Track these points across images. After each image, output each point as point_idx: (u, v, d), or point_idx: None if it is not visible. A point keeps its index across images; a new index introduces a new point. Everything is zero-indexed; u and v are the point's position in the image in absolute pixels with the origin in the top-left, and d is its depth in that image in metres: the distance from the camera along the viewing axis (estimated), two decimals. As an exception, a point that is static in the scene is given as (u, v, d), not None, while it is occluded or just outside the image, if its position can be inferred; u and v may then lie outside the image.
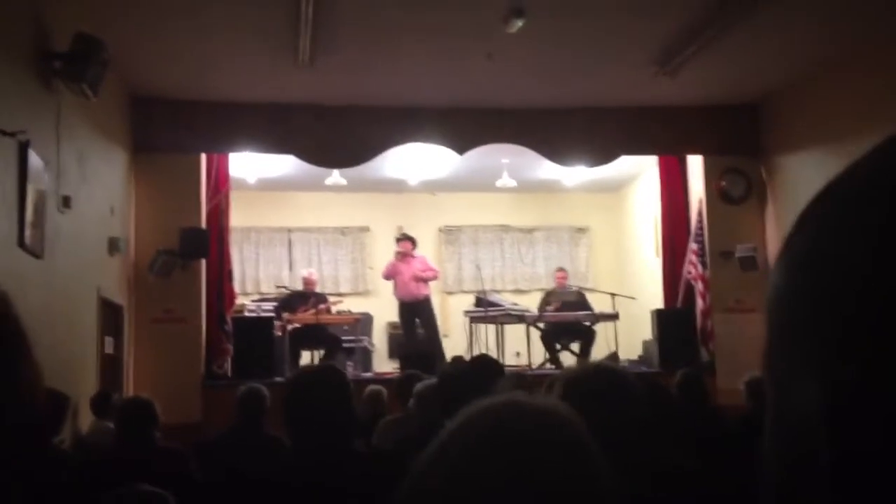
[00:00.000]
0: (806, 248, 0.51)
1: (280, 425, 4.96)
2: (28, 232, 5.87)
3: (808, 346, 0.49)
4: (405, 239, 11.24)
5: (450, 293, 13.61)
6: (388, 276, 11.22)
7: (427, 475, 0.88)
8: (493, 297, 11.29)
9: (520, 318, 10.90)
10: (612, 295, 11.01)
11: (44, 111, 6.39)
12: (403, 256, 11.04)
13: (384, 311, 12.75)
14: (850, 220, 0.49)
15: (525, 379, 5.12)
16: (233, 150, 10.17)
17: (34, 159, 5.98)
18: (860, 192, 0.50)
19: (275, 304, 11.00)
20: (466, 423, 0.90)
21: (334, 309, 10.95)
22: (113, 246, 8.29)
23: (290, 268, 13.53)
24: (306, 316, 10.45)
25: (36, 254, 6.05)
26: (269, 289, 12.92)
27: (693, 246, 10.46)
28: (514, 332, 11.13)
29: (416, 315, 10.96)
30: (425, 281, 11.08)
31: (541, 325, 10.93)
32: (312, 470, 2.50)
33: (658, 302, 11.01)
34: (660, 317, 10.32)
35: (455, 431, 0.90)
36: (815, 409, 0.48)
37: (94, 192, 7.75)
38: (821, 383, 0.48)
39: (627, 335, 11.22)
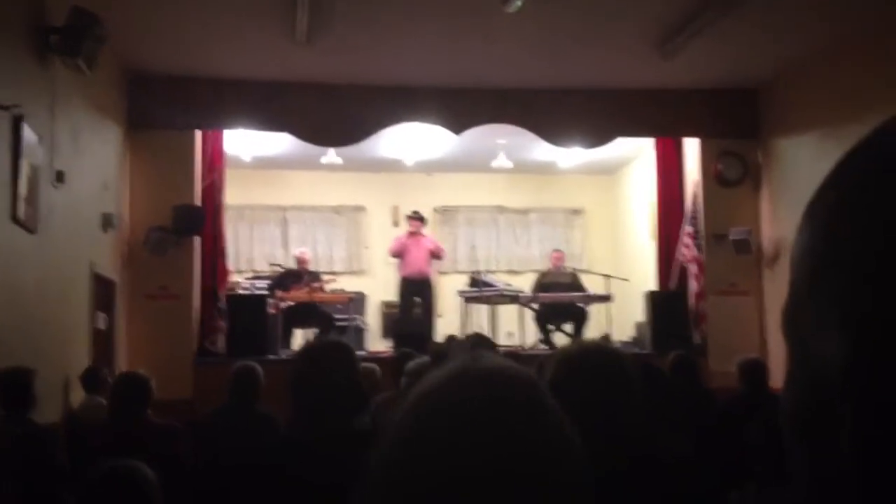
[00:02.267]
0: (831, 204, 0.53)
1: (272, 403, 4.97)
2: (21, 206, 5.85)
3: (829, 297, 0.52)
4: (417, 218, 11.26)
5: (444, 273, 13.63)
6: (396, 254, 11.22)
7: (395, 448, 0.87)
8: (488, 278, 11.31)
9: (513, 298, 10.92)
10: (606, 276, 11.03)
11: (38, 86, 6.36)
12: (412, 234, 11.08)
13: (378, 290, 12.77)
14: (873, 179, 0.51)
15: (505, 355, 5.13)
16: (228, 128, 10.13)
17: (28, 134, 5.95)
18: (882, 157, 0.52)
19: (268, 281, 10.99)
20: (424, 396, 0.90)
21: (328, 287, 10.95)
22: (106, 222, 8.27)
23: (285, 246, 13.53)
24: (300, 294, 10.45)
25: (29, 228, 6.04)
26: (262, 267, 12.91)
27: (687, 228, 10.46)
28: (508, 313, 11.17)
29: (418, 293, 10.99)
30: (439, 258, 11.15)
31: (534, 305, 10.95)
32: (313, 445, 2.49)
33: (652, 284, 11.04)
34: (653, 299, 10.34)
35: (414, 404, 0.90)
36: (836, 361, 0.50)
37: (87, 168, 7.73)
38: (841, 334, 0.50)
39: (620, 317, 11.25)
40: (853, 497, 0.50)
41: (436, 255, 11.19)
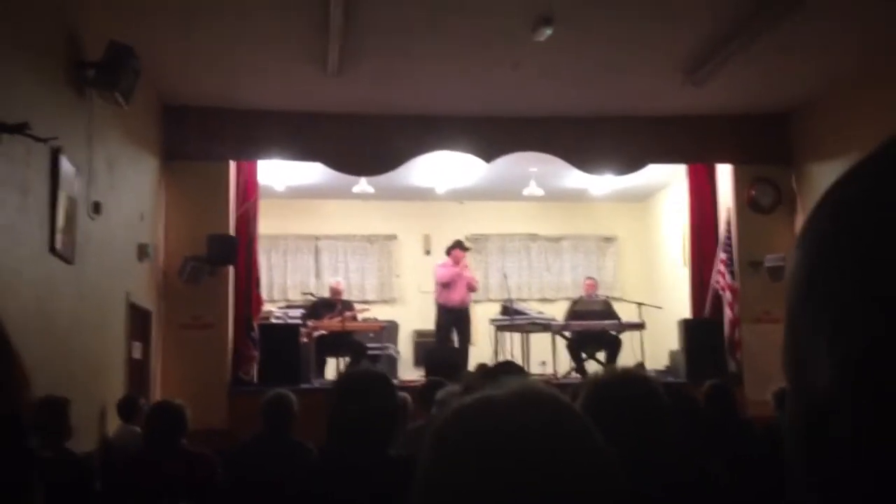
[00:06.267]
0: (823, 230, 0.54)
1: (306, 431, 4.97)
2: (59, 237, 5.93)
3: (819, 327, 0.52)
4: (463, 248, 11.31)
5: (476, 302, 13.60)
6: (447, 282, 11.19)
7: (436, 473, 0.88)
8: (520, 306, 11.27)
9: (546, 326, 10.86)
10: (639, 304, 10.95)
11: (76, 118, 6.47)
12: (458, 263, 11.13)
13: (410, 318, 12.77)
14: (863, 207, 0.52)
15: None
16: (261, 158, 10.22)
17: (66, 165, 6.04)
18: (875, 181, 0.52)
19: (301, 310, 11.03)
20: (456, 420, 0.90)
21: (360, 316, 10.97)
22: (142, 252, 8.36)
23: (317, 275, 13.58)
24: (332, 323, 10.48)
25: (67, 259, 6.11)
26: (295, 296, 12.97)
27: (721, 255, 10.39)
28: (540, 341, 11.11)
29: (457, 323, 10.99)
30: (473, 290, 11.28)
31: (567, 333, 10.89)
32: (349, 473, 2.48)
33: (685, 312, 10.94)
34: (687, 327, 10.24)
35: (448, 431, 0.90)
36: (827, 390, 0.51)
37: (124, 199, 7.83)
38: (832, 363, 0.51)
39: (654, 345, 11.15)
40: None
41: (472, 287, 11.24)
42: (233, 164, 10.04)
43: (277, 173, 11.43)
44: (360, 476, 2.44)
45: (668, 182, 12.54)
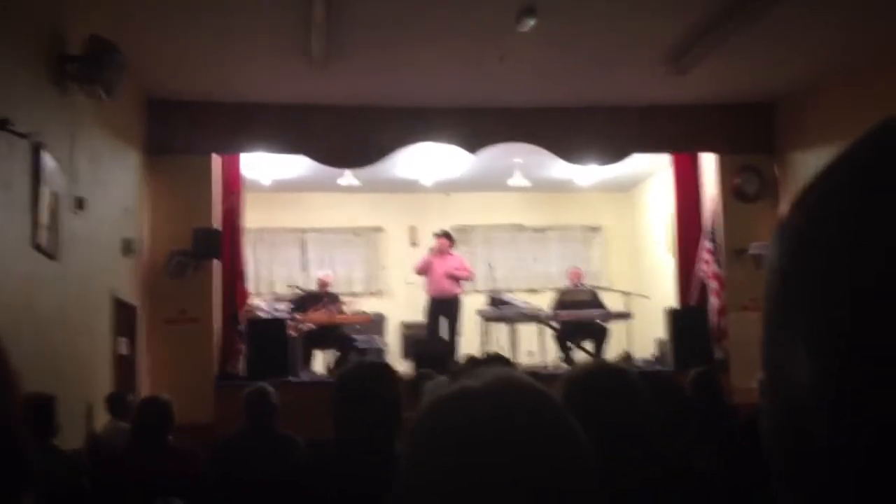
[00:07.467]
0: (797, 227, 0.53)
1: (294, 424, 4.97)
2: (42, 233, 5.90)
3: (799, 326, 0.50)
4: (443, 236, 11.28)
5: (463, 293, 13.61)
6: (420, 271, 11.25)
7: (419, 467, 0.87)
8: (507, 297, 11.28)
9: (533, 317, 10.89)
10: (626, 294, 10.99)
11: (58, 113, 6.43)
12: (439, 253, 11.08)
13: (397, 311, 12.76)
14: (839, 204, 0.50)
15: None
16: (246, 151, 10.19)
17: (48, 161, 6.01)
18: (851, 178, 0.51)
19: (288, 304, 11.02)
20: (436, 412, 0.90)
21: (347, 309, 10.96)
22: (126, 247, 8.33)
23: (304, 268, 13.56)
24: (319, 316, 10.47)
25: (50, 255, 6.09)
26: (282, 289, 12.94)
27: (707, 244, 10.42)
28: (528, 332, 11.13)
29: (444, 313, 10.98)
30: (458, 279, 11.14)
31: (554, 324, 10.91)
32: (356, 468, 2.46)
33: (672, 301, 10.98)
34: (673, 315, 10.28)
35: (428, 423, 0.90)
36: (807, 388, 0.50)
37: (107, 194, 7.79)
38: (810, 360, 0.49)
39: (641, 334, 11.19)
40: None
41: (453, 276, 11.13)
42: (217, 158, 10.00)
43: (262, 166, 11.40)
44: (371, 471, 2.41)
45: (653, 171, 12.57)
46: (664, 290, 11.60)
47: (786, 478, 0.53)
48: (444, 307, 10.98)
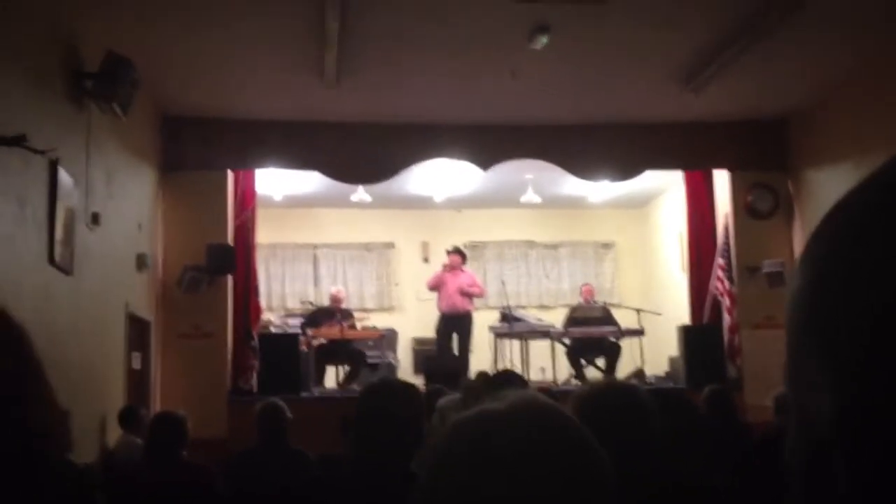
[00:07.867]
0: (821, 259, 0.52)
1: (305, 440, 4.97)
2: (58, 248, 5.94)
3: (822, 356, 0.50)
4: (455, 252, 11.31)
5: (475, 309, 13.61)
6: (432, 287, 11.30)
7: (437, 487, 0.88)
8: (518, 313, 11.27)
9: (545, 333, 10.87)
10: (638, 311, 10.96)
11: (74, 130, 6.48)
12: (451, 269, 11.10)
13: (409, 326, 12.76)
14: (861, 234, 0.50)
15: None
16: (259, 167, 10.24)
17: (64, 177, 6.05)
18: (873, 209, 0.51)
19: (300, 319, 11.04)
20: (462, 431, 0.90)
21: (359, 325, 10.97)
22: (141, 262, 8.37)
23: (316, 284, 13.58)
24: (331, 331, 10.48)
25: (65, 270, 6.12)
26: (294, 305, 12.97)
27: (719, 261, 10.40)
28: (540, 348, 11.10)
29: (456, 329, 10.98)
30: (469, 296, 11.16)
31: (566, 340, 10.89)
32: (371, 485, 2.45)
33: (684, 318, 10.94)
34: (686, 333, 10.24)
35: (453, 443, 0.90)
36: (827, 416, 0.49)
37: (122, 209, 7.84)
38: (831, 388, 0.49)
39: (653, 351, 11.15)
40: None
41: (466, 292, 11.15)
42: (230, 174, 10.05)
43: (275, 182, 11.45)
44: (386, 489, 2.39)
45: (666, 188, 12.55)
46: (677, 307, 11.56)
47: (804, 500, 0.53)
48: (456, 323, 10.99)
